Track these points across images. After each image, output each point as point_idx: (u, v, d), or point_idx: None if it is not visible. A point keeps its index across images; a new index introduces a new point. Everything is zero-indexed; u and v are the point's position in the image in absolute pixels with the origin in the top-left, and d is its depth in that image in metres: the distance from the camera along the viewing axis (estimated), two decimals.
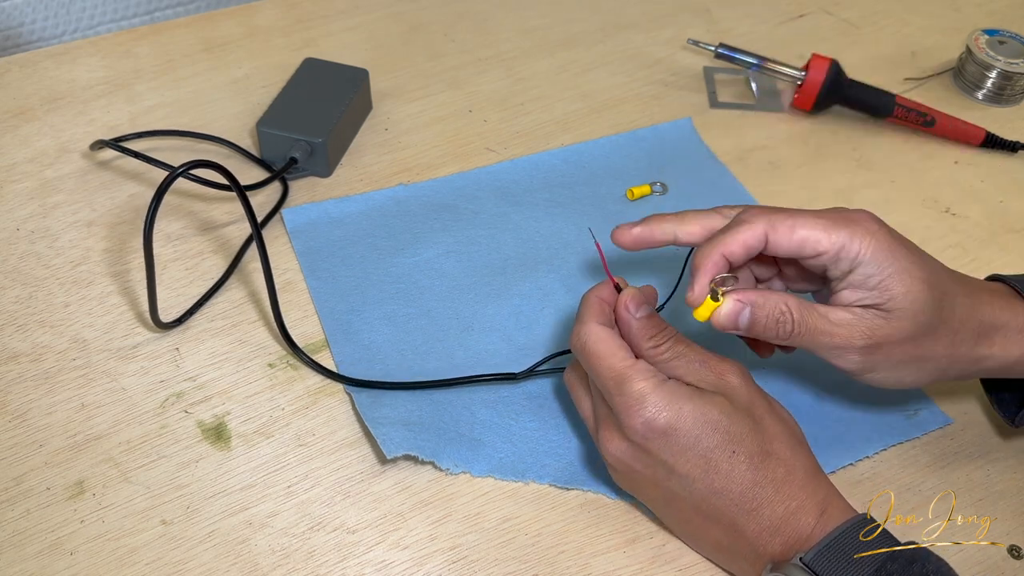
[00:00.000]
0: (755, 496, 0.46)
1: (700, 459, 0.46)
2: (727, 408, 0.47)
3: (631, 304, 0.49)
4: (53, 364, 0.59)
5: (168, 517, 0.52)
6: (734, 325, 0.49)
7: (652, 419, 0.46)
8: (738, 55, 0.78)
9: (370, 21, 0.86)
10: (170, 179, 0.53)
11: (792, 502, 0.46)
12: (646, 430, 0.46)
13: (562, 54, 0.84)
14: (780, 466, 0.47)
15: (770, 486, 0.46)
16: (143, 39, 0.83)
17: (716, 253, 0.48)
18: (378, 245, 0.66)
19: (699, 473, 0.47)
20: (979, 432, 0.57)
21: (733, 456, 0.46)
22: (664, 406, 0.46)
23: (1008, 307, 0.51)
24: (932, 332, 0.48)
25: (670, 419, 0.46)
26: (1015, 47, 0.81)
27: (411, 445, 0.53)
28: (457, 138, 0.75)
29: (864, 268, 0.47)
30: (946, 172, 0.74)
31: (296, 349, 0.58)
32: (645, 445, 0.47)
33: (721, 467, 0.46)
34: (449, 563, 0.51)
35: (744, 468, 0.46)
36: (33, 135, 0.74)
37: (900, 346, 0.48)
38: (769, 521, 0.46)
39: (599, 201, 0.70)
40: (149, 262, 0.55)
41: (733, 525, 0.47)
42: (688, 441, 0.46)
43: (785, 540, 0.46)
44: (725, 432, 0.46)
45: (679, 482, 0.47)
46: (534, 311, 0.62)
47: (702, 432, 0.46)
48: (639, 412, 0.46)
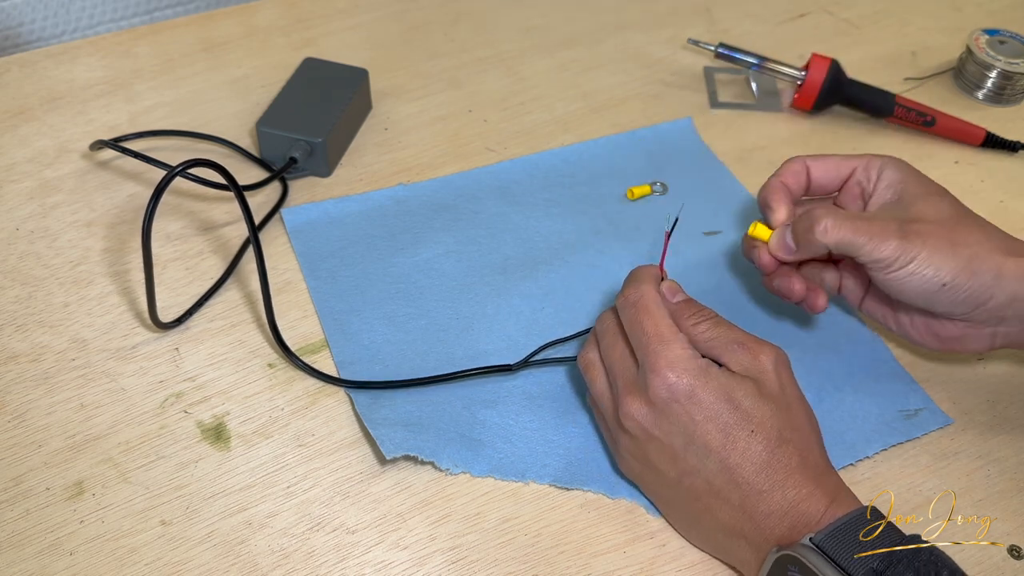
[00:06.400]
0: (768, 478, 0.47)
1: (719, 431, 0.47)
2: (752, 392, 0.48)
3: (667, 292, 0.53)
4: (52, 364, 0.59)
5: (167, 517, 0.52)
6: (783, 246, 0.55)
7: (678, 381, 0.48)
8: (738, 55, 0.78)
9: (370, 21, 0.86)
10: (168, 178, 0.53)
11: (803, 489, 0.47)
12: (672, 391, 0.48)
13: (562, 54, 0.84)
14: (795, 454, 0.47)
15: (783, 471, 0.47)
16: (143, 39, 0.83)
17: (777, 183, 0.57)
18: (378, 245, 0.66)
19: (716, 445, 0.47)
20: (979, 432, 0.57)
21: (751, 435, 0.47)
22: (694, 374, 0.48)
23: None
24: (958, 221, 0.52)
25: (696, 386, 0.48)
26: (1015, 47, 0.81)
27: (411, 445, 0.53)
28: (457, 138, 0.75)
29: (888, 173, 0.55)
30: (946, 172, 0.74)
31: (289, 352, 0.58)
32: (668, 408, 0.48)
33: (739, 443, 0.47)
34: (449, 563, 0.51)
35: (760, 448, 0.47)
36: (32, 135, 0.74)
37: (933, 226, 0.52)
38: (779, 504, 0.47)
39: (599, 201, 0.70)
40: (148, 262, 0.55)
41: (742, 505, 0.47)
42: (710, 412, 0.48)
43: (793, 524, 0.46)
44: (745, 412, 0.48)
45: (695, 453, 0.48)
46: (534, 311, 0.62)
47: (724, 407, 0.48)
48: (670, 371, 0.48)
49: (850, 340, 0.62)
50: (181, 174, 0.53)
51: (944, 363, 0.61)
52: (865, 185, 0.56)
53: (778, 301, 0.63)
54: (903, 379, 0.60)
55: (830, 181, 0.58)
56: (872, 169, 0.56)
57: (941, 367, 0.61)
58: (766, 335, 0.61)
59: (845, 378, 0.59)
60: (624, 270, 0.65)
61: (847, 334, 0.62)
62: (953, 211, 0.53)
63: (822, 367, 0.60)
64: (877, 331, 0.62)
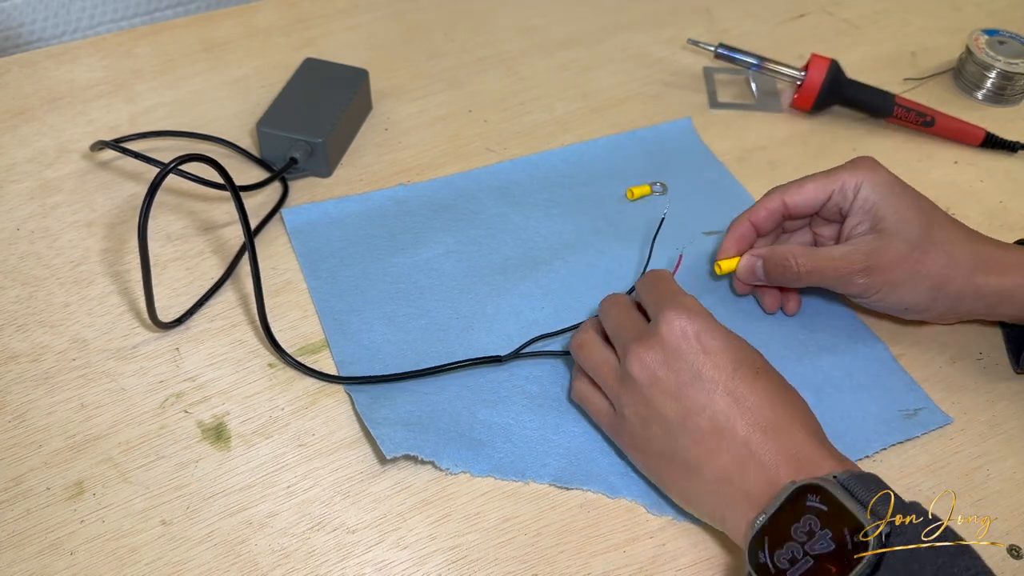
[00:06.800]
0: (776, 417, 0.47)
1: (729, 363, 0.49)
2: (758, 353, 0.51)
3: None
4: (53, 364, 0.59)
5: (168, 517, 0.52)
6: (752, 275, 0.60)
7: (690, 321, 0.50)
8: (738, 55, 0.78)
9: (370, 21, 0.86)
10: (162, 174, 0.53)
11: (813, 438, 0.47)
12: (684, 330, 0.49)
13: (562, 54, 0.84)
14: (798, 415, 0.48)
15: (787, 417, 0.48)
16: (143, 39, 0.83)
17: (744, 222, 0.61)
18: (378, 245, 0.66)
19: (725, 377, 0.48)
20: (979, 432, 0.57)
21: (758, 375, 0.49)
22: (705, 316, 0.51)
23: (1005, 248, 0.58)
24: (925, 251, 0.56)
25: (706, 325, 0.50)
26: (1015, 47, 0.81)
27: (411, 445, 0.53)
28: (457, 138, 0.75)
29: (864, 192, 0.57)
30: (946, 172, 0.74)
31: (280, 350, 0.58)
32: (678, 346, 0.49)
33: (746, 377, 0.48)
34: (449, 563, 0.51)
35: (768, 386, 0.48)
36: (33, 135, 0.74)
37: (896, 264, 0.56)
38: (787, 446, 0.46)
39: (599, 201, 0.70)
40: (145, 260, 0.55)
41: (747, 444, 0.47)
42: (720, 344, 0.49)
43: (800, 467, 0.46)
44: (752, 355, 0.50)
45: (702, 389, 0.48)
46: (534, 311, 0.62)
47: (734, 343, 0.50)
48: (683, 312, 0.50)
49: (850, 340, 0.62)
50: (175, 171, 0.53)
51: (944, 363, 0.61)
52: (842, 205, 0.59)
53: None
54: (903, 379, 0.60)
55: (808, 208, 0.60)
56: (848, 190, 0.58)
57: (941, 367, 0.61)
58: (766, 335, 0.62)
59: (845, 378, 0.59)
60: (624, 270, 0.65)
61: (847, 334, 0.62)
62: (921, 234, 0.56)
63: (822, 367, 0.60)
64: (877, 331, 0.62)
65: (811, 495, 0.44)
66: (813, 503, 0.43)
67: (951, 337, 0.63)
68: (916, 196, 0.58)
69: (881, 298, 0.57)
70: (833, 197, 0.59)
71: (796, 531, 0.43)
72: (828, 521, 0.43)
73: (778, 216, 0.60)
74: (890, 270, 0.56)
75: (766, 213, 0.60)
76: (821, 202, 0.59)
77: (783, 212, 0.60)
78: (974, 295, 0.57)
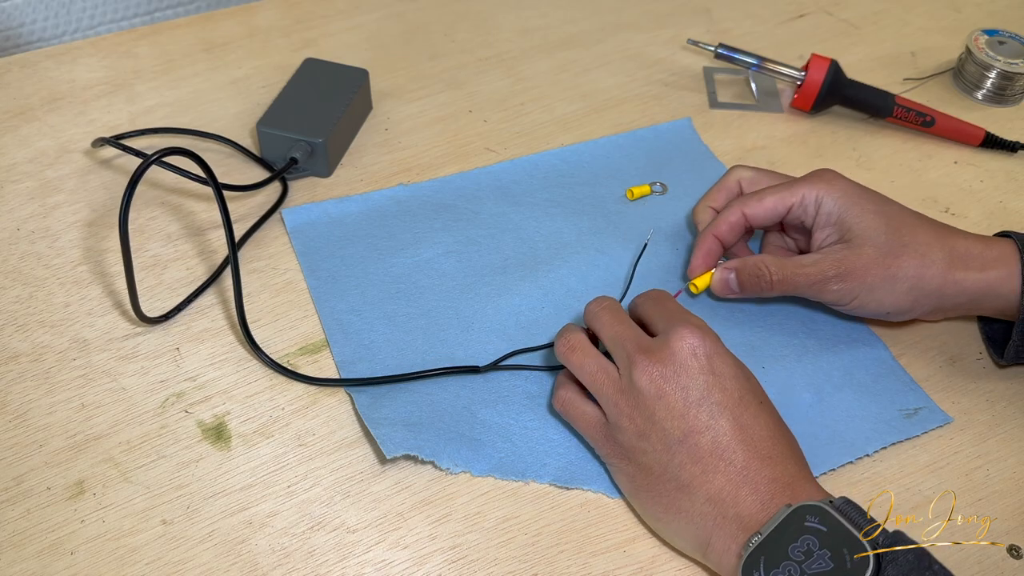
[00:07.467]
0: (774, 446, 0.48)
1: (736, 389, 0.49)
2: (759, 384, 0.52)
3: None
4: (53, 364, 0.59)
5: (168, 517, 0.52)
6: (727, 288, 0.60)
7: (702, 341, 0.50)
8: (738, 55, 0.78)
9: (370, 21, 0.86)
10: (143, 166, 0.53)
11: (805, 470, 0.49)
12: (695, 348, 0.50)
13: (562, 54, 0.84)
14: (795, 449, 0.50)
15: (787, 448, 0.49)
16: (143, 39, 0.83)
17: (709, 236, 0.61)
18: (378, 245, 0.66)
19: (732, 402, 0.49)
20: (979, 432, 0.57)
21: (761, 405, 0.50)
22: (715, 339, 0.51)
23: (984, 241, 0.58)
24: (896, 253, 0.56)
25: (717, 349, 0.50)
26: (1015, 47, 0.81)
27: (411, 445, 0.53)
28: (457, 138, 0.75)
29: (825, 206, 0.58)
30: (945, 172, 0.75)
31: (261, 352, 0.58)
32: (687, 363, 0.50)
33: (751, 406, 0.49)
34: (449, 563, 0.51)
35: (768, 418, 0.50)
36: (33, 135, 0.74)
37: (869, 269, 0.56)
38: (781, 475, 0.48)
39: (599, 201, 0.70)
40: (126, 253, 0.55)
41: (745, 470, 0.48)
42: (728, 371, 0.50)
43: (795, 495, 0.47)
44: (756, 386, 0.51)
45: (707, 411, 0.49)
46: (534, 311, 0.62)
47: (740, 372, 0.51)
48: (696, 330, 0.50)
49: (850, 340, 0.62)
50: (157, 162, 0.53)
51: (944, 363, 0.61)
52: (804, 219, 0.59)
53: (778, 301, 0.63)
54: (903, 379, 0.60)
55: (768, 220, 0.60)
56: (808, 203, 0.59)
57: (941, 367, 0.61)
58: (766, 335, 0.62)
59: (845, 378, 0.59)
60: (624, 270, 0.65)
61: (847, 334, 0.62)
62: (889, 239, 0.56)
63: (822, 367, 0.60)
64: (877, 331, 0.62)
65: (810, 516, 0.45)
66: (812, 523, 0.45)
67: (951, 337, 0.63)
68: (880, 201, 0.58)
69: (860, 304, 0.57)
70: (793, 210, 0.59)
71: (793, 551, 0.44)
72: (827, 542, 0.44)
73: (740, 229, 0.61)
74: (863, 275, 0.56)
75: (727, 227, 0.61)
76: (780, 215, 0.60)
77: (744, 224, 0.61)
78: (956, 291, 0.57)
